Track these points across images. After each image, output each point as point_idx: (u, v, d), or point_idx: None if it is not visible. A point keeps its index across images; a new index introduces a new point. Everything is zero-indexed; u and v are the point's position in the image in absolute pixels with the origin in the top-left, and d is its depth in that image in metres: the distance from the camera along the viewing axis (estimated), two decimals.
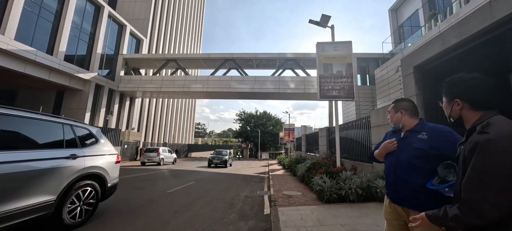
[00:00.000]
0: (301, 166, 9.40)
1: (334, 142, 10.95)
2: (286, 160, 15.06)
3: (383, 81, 19.86)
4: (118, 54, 27.93)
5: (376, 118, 7.03)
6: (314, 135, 15.23)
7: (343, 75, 7.11)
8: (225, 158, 16.88)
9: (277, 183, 8.46)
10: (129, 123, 30.02)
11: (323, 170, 5.89)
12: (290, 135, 19.77)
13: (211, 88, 25.96)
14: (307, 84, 25.52)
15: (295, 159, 11.92)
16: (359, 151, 8.29)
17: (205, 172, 12.46)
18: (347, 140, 9.29)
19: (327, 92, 7.08)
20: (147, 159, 17.04)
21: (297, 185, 7.99)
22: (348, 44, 7.33)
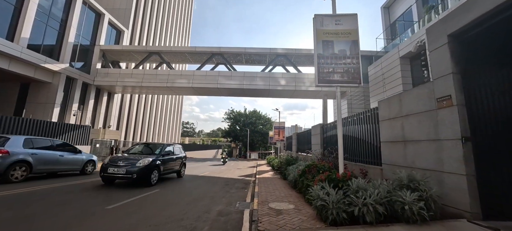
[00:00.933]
0: (292, 169, 7.80)
1: (330, 140, 9.43)
2: (275, 160, 13.45)
3: (377, 77, 18.75)
4: (95, 45, 25.37)
5: (387, 109, 5.52)
6: (306, 133, 13.73)
7: (347, 55, 5.56)
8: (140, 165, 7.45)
9: (264, 190, 6.80)
10: (107, 120, 27.46)
11: (324, 177, 4.28)
12: (280, 133, 18.21)
13: (197, 84, 24.02)
14: (298, 81, 24.13)
15: (286, 159, 10.32)
16: (363, 150, 6.78)
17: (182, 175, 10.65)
18: (347, 138, 7.77)
19: (327, 76, 5.50)
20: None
21: (288, 193, 6.37)
22: (353, 17, 5.80)
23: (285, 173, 8.67)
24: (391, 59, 16.96)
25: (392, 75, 16.58)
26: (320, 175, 4.79)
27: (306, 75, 24.48)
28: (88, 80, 23.96)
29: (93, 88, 24.73)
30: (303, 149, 14.86)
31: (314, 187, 4.06)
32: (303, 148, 14.66)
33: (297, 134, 16.73)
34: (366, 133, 6.68)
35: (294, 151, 17.12)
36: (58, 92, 21.02)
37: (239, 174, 11.94)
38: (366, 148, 6.65)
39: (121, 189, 6.60)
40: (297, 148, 16.63)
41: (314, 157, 10.82)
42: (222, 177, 10.33)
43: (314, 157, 10.83)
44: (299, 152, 16.12)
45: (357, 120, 7.28)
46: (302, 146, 15.22)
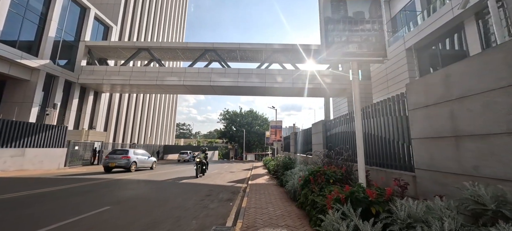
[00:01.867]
0: (291, 175, 6.17)
1: (334, 139, 7.81)
2: (271, 163, 11.80)
3: (379, 73, 17.25)
4: (79, 41, 23.57)
5: (422, 94, 3.91)
6: (306, 132, 12.12)
7: (366, 19, 3.95)
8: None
9: (254, 204, 5.15)
10: (94, 121, 25.60)
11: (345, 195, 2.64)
12: (277, 133, 16.57)
13: (189, 81, 22.32)
14: (296, 78, 22.57)
15: (283, 162, 8.66)
16: (381, 151, 5.16)
17: (158, 182, 8.90)
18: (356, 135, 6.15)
19: (340, 48, 3.88)
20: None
21: (286, 210, 4.71)
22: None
23: (282, 179, 7.05)
24: (394, 52, 15.47)
25: (397, 70, 15.07)
26: (332, 186, 3.13)
27: (304, 71, 22.94)
28: (71, 78, 22.13)
29: (77, 87, 22.89)
30: (302, 150, 13.25)
31: (329, 213, 2.42)
32: (303, 149, 13.05)
33: (295, 133, 15.12)
34: (387, 128, 5.07)
35: (292, 152, 15.50)
36: (37, 91, 19.17)
37: (229, 179, 10.25)
38: (386, 147, 5.03)
39: (74, 201, 4.98)
40: (295, 149, 15.01)
41: (316, 159, 9.19)
42: (207, 183, 8.64)
43: (316, 159, 9.20)
44: (297, 153, 14.52)
45: (373, 112, 5.67)
46: (301, 147, 13.61)
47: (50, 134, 13.64)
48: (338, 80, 22.52)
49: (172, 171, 13.84)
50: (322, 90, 22.91)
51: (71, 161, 15.21)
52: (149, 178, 10.09)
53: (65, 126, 14.79)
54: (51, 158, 13.35)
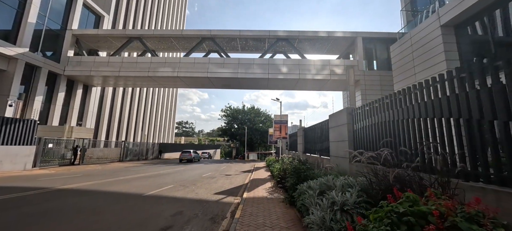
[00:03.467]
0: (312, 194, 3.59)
1: (370, 135, 5.23)
2: (276, 166, 9.26)
3: (404, 58, 14.46)
4: (66, 29, 21.37)
5: None
6: (319, 127, 9.54)
7: None
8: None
9: None
10: (83, 117, 23.46)
11: None
12: (282, 129, 13.97)
13: (184, 72, 19.92)
14: (302, 68, 19.94)
15: (294, 168, 5.94)
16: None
17: (113, 193, 6.28)
18: (420, 125, 3.57)
19: None
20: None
21: None
22: None
23: (293, 197, 4.53)
24: (425, 30, 12.70)
25: (428, 52, 12.31)
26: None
27: (312, 61, 20.29)
28: (56, 69, 19.94)
29: (63, 79, 20.72)
30: (313, 150, 10.68)
31: None
32: (314, 149, 10.48)
33: (304, 129, 12.53)
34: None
35: (300, 151, 12.93)
36: (14, 82, 17.01)
37: (218, 189, 7.71)
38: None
39: None
40: (304, 147, 12.44)
41: (338, 163, 6.64)
42: (182, 197, 6.01)
43: (337, 162, 6.66)
44: (306, 153, 11.96)
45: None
46: (311, 145, 11.05)
47: (13, 130, 11.37)
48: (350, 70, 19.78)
49: (159, 174, 11.45)
50: (332, 82, 20.23)
51: (44, 161, 12.98)
52: (126, 189, 7.70)
53: (34, 121, 12.52)
54: (13, 157, 11.11)
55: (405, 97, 4.18)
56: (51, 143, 13.51)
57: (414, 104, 3.87)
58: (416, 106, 3.82)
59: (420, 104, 3.72)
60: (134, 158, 22.34)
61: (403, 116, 4.15)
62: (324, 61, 20.22)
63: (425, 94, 3.71)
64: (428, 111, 3.51)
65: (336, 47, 22.64)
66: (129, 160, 21.17)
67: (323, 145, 9.13)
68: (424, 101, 3.65)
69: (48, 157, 13.56)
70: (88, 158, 18.10)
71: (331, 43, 21.90)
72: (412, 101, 4.00)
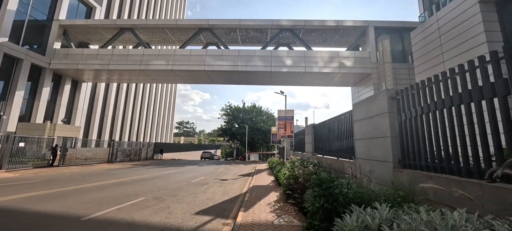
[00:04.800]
0: None
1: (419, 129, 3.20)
2: (283, 171, 7.22)
3: (427, 45, 12.38)
4: (53, 20, 19.61)
5: None
6: (338, 121, 7.54)
7: None
8: None
9: None
10: (72, 114, 21.67)
11: None
12: (287, 127, 11.96)
13: (178, 65, 18.03)
14: (309, 61, 17.95)
15: (316, 179, 3.85)
16: None
17: (40, 215, 4.02)
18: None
19: None
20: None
21: None
22: None
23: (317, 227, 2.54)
24: (458, 10, 10.63)
25: (462, 35, 10.24)
26: None
27: (319, 52, 18.29)
28: (41, 62, 18.17)
29: (49, 73, 18.93)
30: (326, 150, 8.68)
31: None
32: (328, 149, 8.49)
33: (314, 126, 10.51)
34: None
35: (309, 152, 10.91)
36: None
37: (208, 201, 5.69)
38: None
39: None
40: (314, 147, 10.41)
41: (371, 168, 4.68)
42: (144, 224, 3.85)
43: (370, 166, 4.70)
44: (317, 153, 9.94)
45: None
46: (324, 145, 9.06)
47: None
48: (361, 63, 17.78)
49: (139, 179, 9.47)
50: (341, 76, 18.20)
51: (12, 162, 11.10)
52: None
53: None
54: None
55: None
56: (22, 142, 11.65)
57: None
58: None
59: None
60: (126, 158, 20.46)
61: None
62: (332, 53, 18.22)
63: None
64: None
65: (344, 39, 20.61)
66: (119, 161, 19.29)
67: (341, 144, 7.13)
68: None
69: (20, 157, 11.69)
70: (73, 158, 16.24)
71: (339, 34, 19.87)
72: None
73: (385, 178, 4.34)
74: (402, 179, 3.90)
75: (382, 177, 4.46)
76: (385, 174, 4.35)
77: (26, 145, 12.01)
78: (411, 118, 3.88)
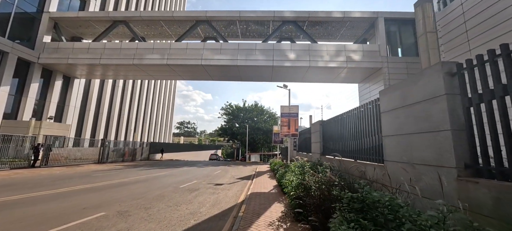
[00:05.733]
0: None
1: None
2: (289, 176, 5.81)
3: (455, 29, 10.94)
4: (43, 12, 18.45)
5: None
6: (356, 116, 6.15)
7: None
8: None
9: None
10: (64, 112, 20.48)
11: None
12: (291, 124, 10.56)
13: (174, 60, 16.75)
14: (314, 55, 16.57)
15: (322, 182, 2.54)
16: None
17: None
18: None
19: None
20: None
21: None
22: None
23: None
24: None
25: (495, 17, 8.79)
26: None
27: (325, 46, 16.91)
28: (29, 56, 17.00)
29: (38, 68, 17.76)
30: (339, 151, 7.29)
31: None
32: (342, 149, 7.11)
33: (322, 123, 9.11)
34: None
35: (316, 152, 9.52)
36: None
37: (191, 216, 4.12)
38: None
39: None
40: (322, 148, 9.01)
41: (415, 176, 3.26)
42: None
43: (413, 174, 3.28)
44: (326, 154, 8.58)
45: None
46: (336, 144, 7.67)
47: None
48: (370, 56, 16.36)
49: (120, 184, 8.08)
50: (348, 71, 16.79)
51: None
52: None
53: None
54: None
55: None
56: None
57: None
58: None
59: None
60: (119, 159, 19.19)
61: None
62: (339, 46, 16.82)
63: None
64: None
65: (351, 32, 19.18)
66: (111, 162, 18.03)
67: (361, 143, 5.74)
68: None
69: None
70: (62, 159, 15.03)
71: (346, 27, 18.45)
72: None
73: (439, 190, 2.94)
74: (478, 195, 2.50)
75: (435, 189, 3.07)
76: (440, 185, 2.95)
77: (2, 144, 10.75)
78: (496, 99, 2.48)
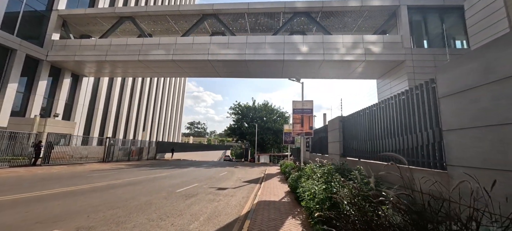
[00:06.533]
0: None
1: None
2: (307, 184, 4.52)
3: (495, 13, 9.24)
4: (51, 10, 18.30)
5: None
6: (389, 105, 4.76)
7: None
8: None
9: None
10: (72, 111, 20.30)
11: None
12: (305, 122, 9.24)
13: (179, 55, 15.94)
14: (328, 48, 15.16)
15: (361, 200, 1.43)
16: None
17: None
18: None
19: None
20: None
21: None
22: None
23: None
24: None
25: None
26: None
27: (340, 37, 15.45)
28: (37, 53, 16.83)
29: (46, 66, 17.57)
30: (364, 151, 5.95)
31: None
32: (368, 150, 5.75)
33: (342, 120, 7.75)
34: None
35: (335, 153, 8.17)
36: None
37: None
38: None
39: None
40: (343, 148, 7.67)
41: None
42: None
43: None
44: (346, 155, 7.25)
45: None
46: (361, 144, 6.33)
47: None
48: (391, 48, 14.70)
49: (109, 186, 7.18)
50: (366, 64, 15.22)
51: None
52: None
53: None
54: None
55: None
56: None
57: None
58: None
59: None
60: (124, 158, 18.66)
61: None
62: (356, 38, 15.30)
63: None
64: None
65: (369, 22, 17.55)
66: (115, 161, 17.47)
67: (402, 141, 4.39)
68: None
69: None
70: (67, 157, 14.60)
71: (363, 17, 16.87)
72: None
73: None
74: None
75: None
76: None
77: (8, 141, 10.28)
78: None
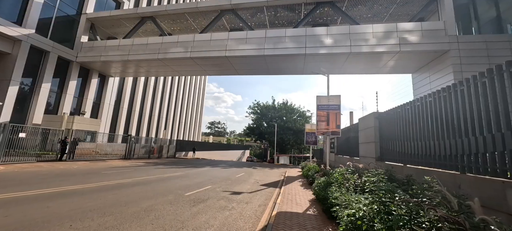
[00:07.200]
0: None
1: None
2: (348, 198, 3.34)
3: None
4: (81, 14, 19.26)
5: None
6: (459, 92, 3.46)
7: None
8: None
9: None
10: (99, 109, 21.23)
11: None
12: (331, 119, 8.01)
13: (197, 52, 15.61)
14: (356, 38, 13.63)
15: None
16: None
17: None
18: None
19: None
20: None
21: None
22: None
23: None
24: None
25: None
26: None
27: (369, 27, 13.85)
28: (68, 55, 17.77)
29: (76, 67, 18.51)
30: (413, 155, 4.65)
31: None
32: (419, 153, 4.45)
33: (378, 117, 6.46)
34: None
35: (370, 156, 6.89)
36: (17, 66, 14.97)
37: None
38: None
39: None
40: (380, 150, 6.39)
41: None
42: None
43: None
44: (384, 159, 5.96)
45: None
46: (406, 146, 5.05)
47: None
48: (432, 37, 12.71)
49: (122, 185, 6.79)
50: (399, 56, 13.39)
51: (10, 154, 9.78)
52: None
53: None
54: None
55: None
56: (22, 133, 10.35)
57: None
58: None
59: None
60: (145, 155, 18.94)
61: None
62: (389, 26, 13.57)
63: None
64: None
65: (404, 9, 15.59)
66: (135, 158, 17.74)
67: (488, 142, 3.10)
68: None
69: (22, 149, 10.43)
70: (93, 153, 15.11)
71: (397, 3, 14.97)
72: None
73: None
74: None
75: None
76: None
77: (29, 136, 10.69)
78: None
